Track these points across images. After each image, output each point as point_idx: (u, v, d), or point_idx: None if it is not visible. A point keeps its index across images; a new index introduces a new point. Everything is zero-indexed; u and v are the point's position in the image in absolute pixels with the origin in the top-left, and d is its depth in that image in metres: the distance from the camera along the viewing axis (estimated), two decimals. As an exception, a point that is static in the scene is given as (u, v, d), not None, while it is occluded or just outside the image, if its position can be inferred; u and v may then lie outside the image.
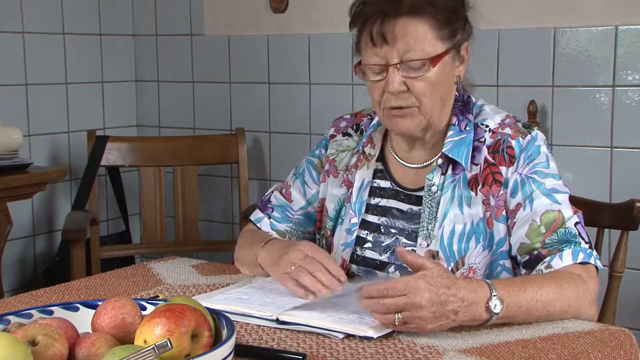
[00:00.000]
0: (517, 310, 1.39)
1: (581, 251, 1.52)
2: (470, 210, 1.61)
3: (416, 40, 1.55)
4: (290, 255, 1.57)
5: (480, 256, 1.60)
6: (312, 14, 3.12)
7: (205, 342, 1.09)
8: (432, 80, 1.57)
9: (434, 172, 1.64)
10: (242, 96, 3.42)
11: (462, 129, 1.64)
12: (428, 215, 1.63)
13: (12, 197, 2.72)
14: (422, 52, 1.55)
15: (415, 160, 1.69)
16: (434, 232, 1.61)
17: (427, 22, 1.56)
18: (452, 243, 1.61)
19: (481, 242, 1.60)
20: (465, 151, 1.62)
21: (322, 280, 1.51)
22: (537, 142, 1.61)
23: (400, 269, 1.64)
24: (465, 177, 1.62)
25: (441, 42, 1.58)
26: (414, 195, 1.68)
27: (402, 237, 1.67)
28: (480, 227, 1.60)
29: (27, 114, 3.23)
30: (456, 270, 1.60)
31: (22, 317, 1.18)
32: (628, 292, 2.43)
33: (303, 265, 1.53)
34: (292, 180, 1.85)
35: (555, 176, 1.60)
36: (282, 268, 1.57)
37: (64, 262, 3.00)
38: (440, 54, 1.57)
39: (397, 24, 1.55)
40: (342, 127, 1.82)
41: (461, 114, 1.66)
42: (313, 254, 1.56)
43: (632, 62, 2.59)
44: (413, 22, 1.55)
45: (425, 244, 1.62)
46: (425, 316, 1.32)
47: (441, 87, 1.59)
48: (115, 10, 3.58)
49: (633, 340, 1.37)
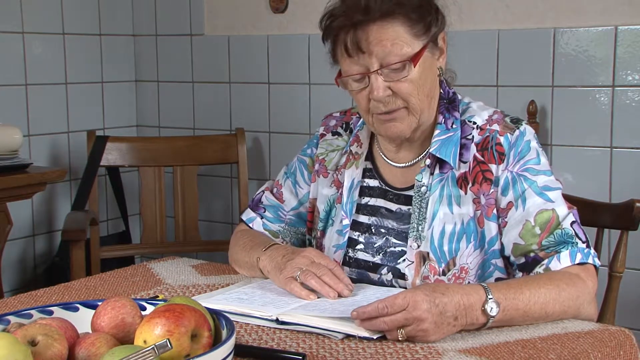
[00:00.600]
0: (515, 312, 1.39)
1: (579, 251, 1.51)
2: (460, 210, 1.60)
3: (393, 43, 1.53)
4: (297, 261, 1.56)
5: (472, 256, 1.60)
6: (312, 14, 3.12)
7: (205, 342, 1.09)
8: (415, 79, 1.56)
9: (422, 172, 1.63)
10: (242, 96, 3.42)
11: (448, 127, 1.63)
12: (418, 217, 1.62)
13: (12, 197, 2.72)
14: (401, 53, 1.53)
15: (403, 160, 1.68)
16: (423, 233, 1.61)
17: (399, 23, 1.54)
18: (442, 244, 1.60)
19: (472, 242, 1.59)
20: (452, 150, 1.61)
21: (331, 284, 1.50)
22: (527, 137, 1.59)
23: (393, 270, 1.64)
24: (454, 176, 1.61)
25: (417, 39, 1.56)
26: (403, 195, 1.67)
27: (391, 237, 1.66)
28: (471, 227, 1.59)
29: (27, 114, 3.23)
30: (447, 271, 1.59)
31: (22, 317, 1.18)
32: (628, 292, 2.43)
33: (311, 270, 1.52)
34: (283, 180, 1.84)
35: (547, 172, 1.58)
36: (287, 272, 1.55)
37: (64, 262, 3.01)
38: (419, 52, 1.55)
39: (370, 31, 1.53)
40: (332, 125, 1.81)
41: (447, 111, 1.64)
42: (319, 260, 1.55)
43: (632, 62, 2.59)
44: (386, 25, 1.53)
45: (415, 245, 1.61)
46: (427, 327, 1.31)
47: (426, 84, 1.58)
48: (115, 10, 3.58)
49: (633, 341, 1.37)
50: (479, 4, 2.82)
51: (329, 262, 1.56)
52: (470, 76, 2.81)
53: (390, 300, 1.32)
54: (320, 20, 1.62)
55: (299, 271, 1.53)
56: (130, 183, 3.61)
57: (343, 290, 1.50)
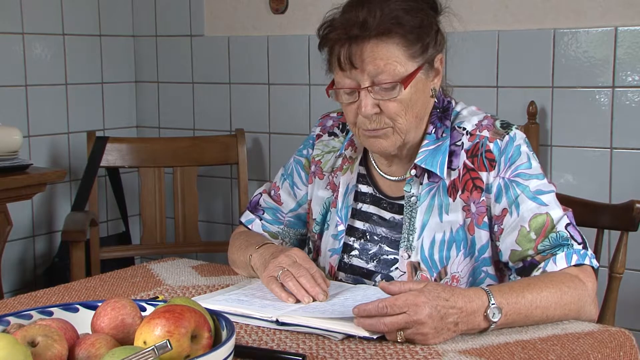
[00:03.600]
0: (516, 317, 1.39)
1: (574, 253, 1.51)
2: (448, 217, 1.59)
3: (386, 62, 1.51)
4: (279, 259, 1.55)
5: (462, 264, 1.59)
6: (311, 14, 3.12)
7: (205, 343, 1.09)
8: (405, 100, 1.54)
9: (410, 183, 1.62)
10: (241, 97, 3.42)
11: (438, 137, 1.61)
12: (409, 227, 1.62)
13: (11, 198, 2.72)
14: (393, 73, 1.51)
15: (395, 173, 1.68)
16: (413, 243, 1.61)
17: (395, 43, 1.51)
18: (432, 253, 1.59)
19: (462, 250, 1.59)
20: (440, 159, 1.59)
21: (307, 287, 1.49)
22: (517, 142, 1.58)
23: (387, 278, 1.63)
24: (445, 185, 1.60)
25: (412, 60, 1.53)
26: (397, 204, 1.66)
27: (384, 245, 1.66)
28: (460, 235, 1.59)
29: (27, 114, 3.23)
30: (439, 279, 1.59)
31: (21, 318, 1.18)
32: (628, 293, 2.44)
33: (290, 270, 1.52)
34: (280, 182, 1.84)
35: (539, 176, 1.57)
36: (269, 271, 1.55)
37: (64, 263, 3.01)
38: (411, 74, 1.53)
39: (365, 47, 1.51)
40: (329, 126, 1.81)
41: (439, 120, 1.63)
42: (301, 262, 1.54)
43: (632, 63, 2.60)
44: (381, 44, 1.51)
45: (406, 255, 1.61)
46: (427, 332, 1.31)
47: (415, 105, 1.56)
48: (115, 11, 3.58)
49: (633, 342, 1.37)
50: (479, 5, 2.82)
51: (311, 265, 1.55)
52: (470, 77, 2.81)
53: (391, 300, 1.31)
54: (318, 28, 1.60)
55: (280, 270, 1.53)
56: (130, 184, 3.61)
57: (318, 295, 1.48)
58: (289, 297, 1.49)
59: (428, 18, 1.56)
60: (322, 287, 1.51)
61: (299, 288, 1.49)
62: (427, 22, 1.55)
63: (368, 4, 1.52)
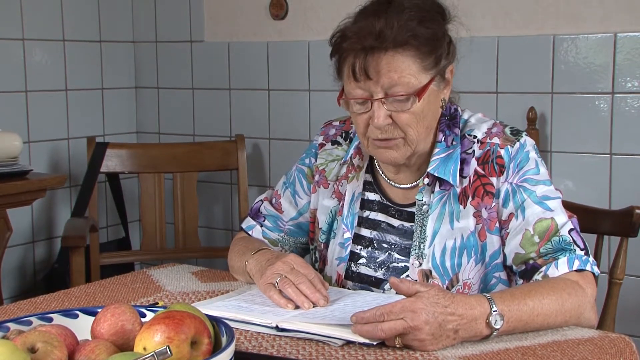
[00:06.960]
0: (517, 324, 1.39)
1: (576, 258, 1.51)
2: (459, 224, 1.59)
3: (401, 75, 1.50)
4: (277, 266, 1.55)
5: (474, 271, 1.59)
6: (311, 20, 3.13)
7: (205, 349, 1.08)
8: (417, 111, 1.54)
9: (422, 191, 1.63)
10: (241, 103, 3.42)
11: (449, 145, 1.62)
12: (420, 235, 1.62)
13: (11, 204, 2.72)
14: (407, 86, 1.51)
15: (403, 181, 1.67)
16: (424, 251, 1.61)
17: (410, 55, 1.51)
18: (444, 260, 1.59)
19: (473, 257, 1.59)
20: (452, 167, 1.60)
21: (307, 294, 1.49)
22: (526, 149, 1.59)
23: None
24: (456, 192, 1.60)
25: (425, 72, 1.53)
26: (405, 212, 1.66)
27: (394, 253, 1.66)
28: (471, 241, 1.59)
29: (27, 120, 3.23)
30: (451, 287, 1.59)
31: (21, 324, 1.18)
32: (628, 299, 2.44)
33: (289, 277, 1.52)
34: (282, 190, 1.84)
35: (546, 182, 1.58)
36: (267, 278, 1.55)
37: (64, 268, 3.01)
38: (425, 86, 1.53)
39: (381, 59, 1.50)
40: (331, 135, 1.80)
41: (448, 128, 1.63)
42: (299, 268, 1.54)
43: (631, 69, 2.60)
44: (397, 56, 1.50)
45: (417, 263, 1.61)
46: (424, 338, 1.31)
47: (427, 116, 1.56)
48: (115, 17, 3.59)
49: (633, 348, 1.37)
50: (478, 11, 2.82)
51: (309, 271, 1.55)
52: (470, 83, 2.81)
53: (388, 307, 1.31)
54: (331, 37, 1.58)
55: (278, 277, 1.52)
56: (130, 189, 3.61)
57: (319, 301, 1.48)
58: (288, 302, 1.49)
59: (441, 28, 1.56)
60: (322, 293, 1.50)
61: (298, 295, 1.49)
62: (440, 33, 1.56)
63: (384, 13, 1.51)
